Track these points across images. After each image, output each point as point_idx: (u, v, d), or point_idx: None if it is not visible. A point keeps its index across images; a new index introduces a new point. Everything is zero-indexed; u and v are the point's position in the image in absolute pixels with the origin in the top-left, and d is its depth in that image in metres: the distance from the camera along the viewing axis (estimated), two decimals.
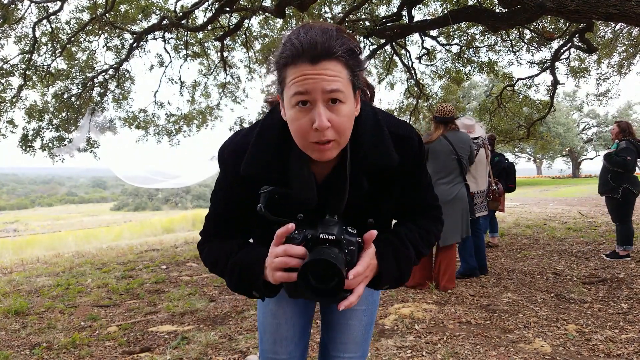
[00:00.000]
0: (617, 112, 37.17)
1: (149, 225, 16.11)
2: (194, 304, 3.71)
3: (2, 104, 7.96)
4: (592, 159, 44.12)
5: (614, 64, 10.32)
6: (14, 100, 7.99)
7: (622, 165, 4.61)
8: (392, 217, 1.12)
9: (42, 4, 7.34)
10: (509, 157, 27.62)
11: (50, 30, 7.80)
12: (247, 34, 9.03)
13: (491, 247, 5.69)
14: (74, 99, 8.45)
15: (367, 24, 6.90)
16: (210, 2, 7.26)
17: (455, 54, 9.32)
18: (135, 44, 8.16)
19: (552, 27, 8.34)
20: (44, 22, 7.68)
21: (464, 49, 9.05)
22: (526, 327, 2.84)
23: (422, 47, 9.38)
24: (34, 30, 7.44)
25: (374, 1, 8.24)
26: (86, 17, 7.80)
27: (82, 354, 2.72)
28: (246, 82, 14.27)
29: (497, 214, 6.21)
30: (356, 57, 0.86)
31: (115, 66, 8.54)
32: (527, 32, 8.61)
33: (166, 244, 8.11)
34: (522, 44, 9.03)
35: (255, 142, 0.96)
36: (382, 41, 8.01)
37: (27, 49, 7.72)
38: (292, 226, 0.85)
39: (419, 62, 9.86)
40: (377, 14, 8.25)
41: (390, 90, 11.02)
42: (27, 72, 7.80)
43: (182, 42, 9.05)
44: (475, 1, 7.55)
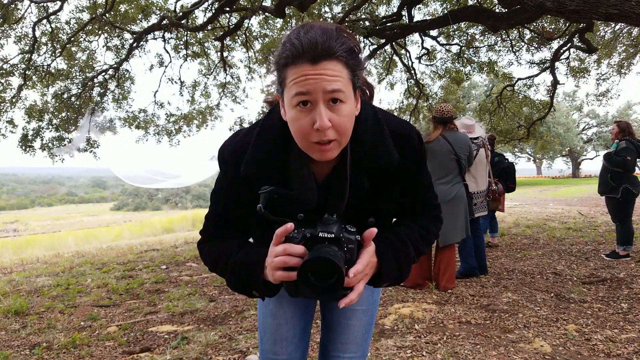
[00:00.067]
0: (617, 112, 37.20)
1: (148, 225, 16.10)
2: (194, 304, 3.72)
3: (2, 104, 7.96)
4: (592, 159, 44.18)
5: (614, 64, 10.33)
6: (14, 100, 7.99)
7: (622, 165, 4.61)
8: (393, 216, 1.12)
9: (42, 4, 7.34)
10: (509, 157, 27.65)
11: (50, 30, 7.81)
12: (247, 34, 9.03)
13: (491, 247, 5.69)
14: (73, 99, 8.46)
15: (367, 24, 6.90)
16: (210, 2, 7.26)
17: (455, 54, 9.32)
18: (135, 44, 8.16)
19: (552, 27, 8.35)
20: (44, 22, 7.68)
21: (464, 49, 9.05)
22: (526, 327, 2.84)
23: (422, 47, 9.39)
24: (33, 30, 7.44)
25: (374, 1, 8.24)
26: (86, 17, 7.81)
27: (82, 354, 2.72)
28: (246, 82, 14.29)
29: (497, 214, 6.21)
30: (356, 57, 0.86)
31: (115, 66, 8.54)
32: (527, 32, 8.61)
33: (166, 244, 8.11)
34: (522, 44, 9.03)
35: (255, 142, 0.96)
36: (382, 41, 8.00)
37: (27, 48, 7.72)
38: (291, 225, 0.85)
39: (419, 62, 9.87)
40: (377, 14, 8.25)
41: (390, 90, 11.04)
42: (27, 72, 7.81)
43: (182, 42, 9.05)
44: (475, 1, 7.55)
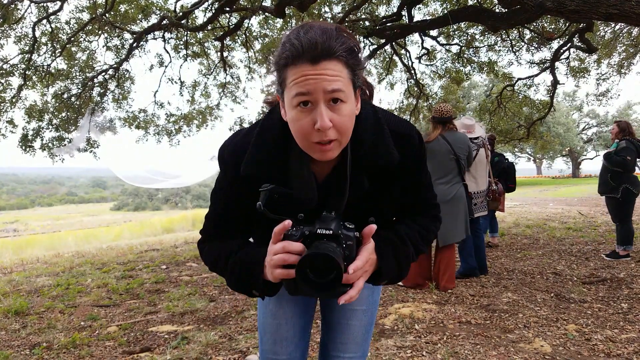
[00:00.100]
0: (617, 112, 37.20)
1: (148, 225, 16.11)
2: (194, 304, 3.72)
3: (2, 104, 7.96)
4: (592, 159, 44.18)
5: (614, 64, 10.33)
6: (14, 100, 7.99)
7: (622, 164, 4.61)
8: (393, 216, 1.12)
9: (42, 4, 7.34)
10: (509, 157, 27.63)
11: (50, 30, 7.81)
12: (247, 34, 9.03)
13: (491, 247, 5.69)
14: (73, 99, 8.46)
15: (367, 24, 6.90)
16: (210, 2, 7.26)
17: (455, 54, 9.32)
18: (135, 44, 8.16)
19: (552, 27, 8.34)
20: (44, 22, 7.68)
21: (464, 49, 9.05)
22: (526, 327, 2.84)
23: (422, 47, 9.39)
24: (33, 30, 7.44)
25: (374, 1, 8.24)
26: (86, 17, 7.81)
27: (82, 353, 2.72)
28: (246, 82, 14.29)
29: (497, 213, 6.21)
30: (356, 56, 0.86)
31: (115, 66, 8.54)
32: (527, 32, 8.61)
33: (166, 244, 8.11)
34: (522, 44, 9.03)
35: (255, 142, 0.96)
36: (382, 41, 8.00)
37: (27, 49, 7.72)
38: (289, 222, 0.85)
39: (419, 62, 9.87)
40: (377, 14, 8.25)
41: (390, 90, 11.04)
42: (27, 72, 7.81)
43: (182, 42, 9.05)
44: (475, 1, 7.55)
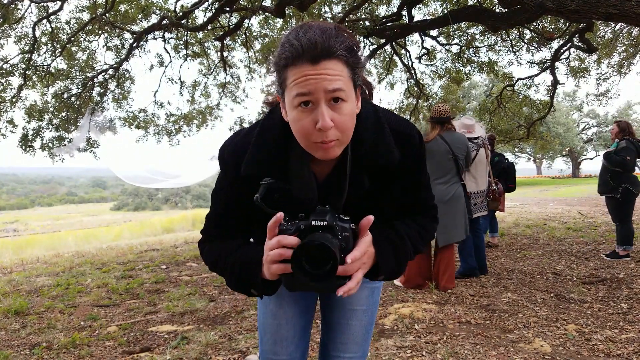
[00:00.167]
0: (617, 112, 37.21)
1: (148, 225, 16.11)
2: (194, 303, 3.72)
3: (2, 104, 7.96)
4: (592, 159, 44.20)
5: (614, 64, 10.34)
6: (14, 100, 7.99)
7: (621, 164, 4.61)
8: (393, 216, 1.12)
9: (42, 4, 7.34)
10: (509, 157, 27.64)
11: (50, 30, 7.81)
12: (247, 34, 9.03)
13: (491, 247, 5.69)
14: (74, 99, 8.46)
15: (367, 23, 6.90)
16: (210, 2, 7.26)
17: (455, 54, 9.32)
18: (135, 44, 8.16)
19: (552, 27, 8.34)
20: (44, 21, 7.68)
21: (464, 48, 9.05)
22: (526, 327, 2.84)
23: (422, 47, 9.39)
24: (33, 30, 7.44)
25: (374, 1, 8.24)
26: (86, 17, 7.81)
27: (82, 353, 2.72)
28: (246, 82, 14.28)
29: (497, 213, 6.21)
30: (356, 55, 0.86)
31: (115, 66, 8.54)
32: (527, 32, 8.61)
33: (166, 244, 8.11)
34: (522, 44, 9.03)
35: (255, 142, 0.96)
36: (382, 41, 8.00)
37: (27, 48, 7.72)
38: (281, 215, 0.84)
39: (419, 62, 9.87)
40: (377, 13, 8.25)
41: (390, 90, 11.04)
42: (27, 72, 7.81)
43: (182, 42, 9.05)
44: (475, 1, 7.55)
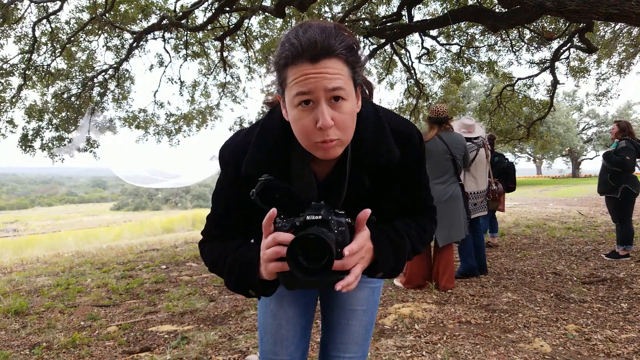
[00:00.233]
0: (617, 112, 37.23)
1: (148, 225, 16.11)
2: (194, 303, 3.71)
3: (2, 104, 7.96)
4: (591, 158, 44.21)
5: (614, 64, 10.34)
6: (14, 100, 7.99)
7: (621, 164, 4.60)
8: (393, 215, 1.11)
9: (42, 4, 7.34)
10: (509, 157, 27.65)
11: (50, 30, 7.81)
12: (247, 34, 9.03)
13: (491, 247, 5.69)
14: (73, 99, 8.46)
15: (367, 23, 6.90)
16: (210, 2, 7.26)
17: (455, 54, 9.32)
18: (135, 44, 8.16)
19: (552, 27, 8.35)
20: (44, 21, 7.68)
21: (463, 48, 9.05)
22: (526, 327, 2.84)
23: (422, 47, 9.39)
24: (33, 30, 7.44)
25: (373, 1, 8.24)
26: (86, 17, 7.81)
27: (82, 353, 2.72)
28: (246, 82, 14.29)
29: (497, 213, 6.21)
30: (356, 54, 0.86)
31: (115, 66, 8.54)
32: (527, 32, 8.61)
33: (166, 244, 8.11)
34: (522, 44, 9.03)
35: (255, 141, 0.96)
36: (382, 41, 8.00)
37: (26, 48, 7.72)
38: (274, 211, 0.84)
39: (419, 62, 9.87)
40: (377, 13, 8.25)
41: (390, 90, 11.04)
42: (27, 72, 7.81)
43: (182, 42, 9.05)
44: (475, 1, 7.55)
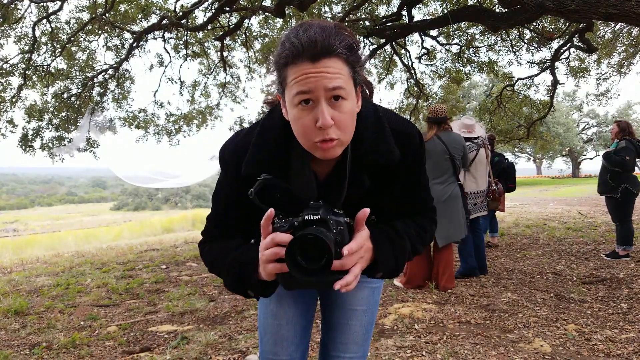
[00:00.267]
0: (617, 112, 37.23)
1: (148, 225, 16.11)
2: (194, 303, 3.71)
3: (2, 104, 7.96)
4: (591, 158, 44.20)
5: (614, 64, 10.34)
6: (14, 100, 7.99)
7: (621, 164, 4.60)
8: (393, 215, 1.11)
9: (42, 4, 7.34)
10: (509, 157, 27.65)
11: (50, 30, 7.81)
12: (247, 34, 9.03)
13: (491, 247, 5.69)
14: (73, 99, 8.46)
15: (367, 23, 6.90)
16: (210, 1, 7.26)
17: (455, 54, 9.32)
18: (135, 44, 8.16)
19: (552, 27, 8.35)
20: (44, 21, 7.68)
21: (463, 48, 9.05)
22: (526, 327, 2.84)
23: (422, 47, 9.39)
24: (33, 30, 7.44)
25: (373, 1, 8.24)
26: (86, 16, 7.81)
27: (81, 353, 2.72)
28: (246, 82, 14.27)
29: (497, 213, 6.21)
30: (356, 53, 0.86)
31: (115, 66, 8.55)
32: (527, 32, 8.61)
33: (166, 244, 8.10)
34: (522, 43, 9.03)
35: (255, 141, 0.96)
36: (382, 41, 8.00)
37: (26, 48, 7.72)
38: (272, 211, 0.83)
39: (419, 62, 9.87)
40: (377, 13, 8.25)
41: (390, 90, 11.05)
42: (26, 72, 7.81)
43: (182, 42, 9.05)
44: (475, 1, 7.55)
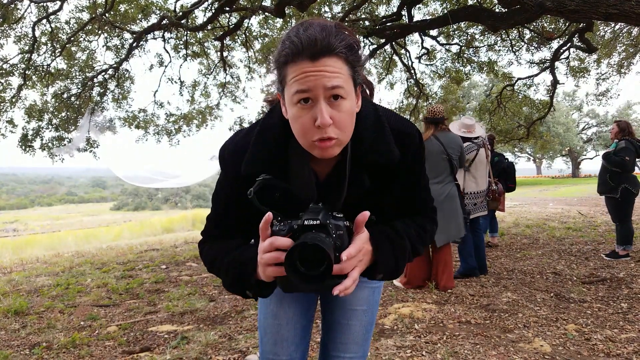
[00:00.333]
0: (617, 111, 37.25)
1: (148, 225, 16.11)
2: (194, 303, 3.71)
3: (2, 104, 7.96)
4: (591, 158, 44.21)
5: (614, 64, 10.34)
6: (14, 100, 7.99)
7: (620, 164, 4.60)
8: (393, 216, 1.11)
9: (42, 4, 7.34)
10: (509, 157, 27.66)
11: (49, 30, 7.81)
12: (247, 34, 9.03)
13: (491, 247, 5.69)
14: (73, 99, 8.46)
15: (367, 23, 6.91)
16: (210, 1, 7.26)
17: (455, 54, 9.32)
18: (135, 44, 8.16)
19: (552, 27, 8.35)
20: (44, 21, 7.68)
21: (463, 48, 9.05)
22: (526, 327, 2.84)
23: (422, 47, 9.39)
24: (33, 30, 7.44)
25: (373, 1, 8.24)
26: (86, 16, 7.81)
27: (81, 353, 2.72)
28: (246, 82, 14.30)
29: (497, 213, 6.21)
30: (356, 53, 0.86)
31: (114, 66, 8.54)
32: (527, 32, 8.61)
33: (166, 244, 8.10)
34: (522, 43, 9.03)
35: (255, 141, 0.96)
36: (382, 41, 8.01)
37: (26, 48, 7.72)
38: (270, 215, 0.83)
39: (419, 61, 9.88)
40: (377, 13, 8.25)
41: (390, 90, 11.05)
42: (26, 72, 7.81)
43: (181, 42, 9.05)
44: (475, 1, 7.55)
